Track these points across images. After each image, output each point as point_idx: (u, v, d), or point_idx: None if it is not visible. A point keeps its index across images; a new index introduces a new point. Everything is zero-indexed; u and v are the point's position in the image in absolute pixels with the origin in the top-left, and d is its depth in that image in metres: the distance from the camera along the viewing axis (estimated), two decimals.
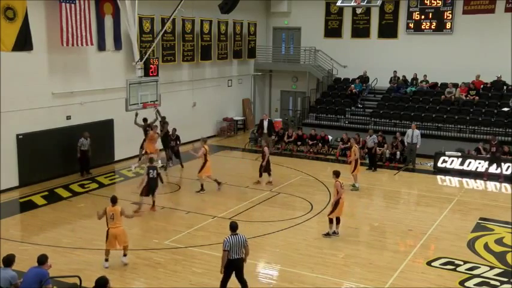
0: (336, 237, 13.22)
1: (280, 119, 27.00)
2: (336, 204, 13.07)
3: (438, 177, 19.56)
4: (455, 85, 23.92)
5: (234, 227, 9.66)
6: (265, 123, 23.05)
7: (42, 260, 8.54)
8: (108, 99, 19.30)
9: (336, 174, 13.29)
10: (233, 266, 9.58)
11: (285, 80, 28.69)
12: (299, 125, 25.03)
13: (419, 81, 24.98)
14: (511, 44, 23.02)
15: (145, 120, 18.85)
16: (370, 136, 20.29)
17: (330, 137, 22.81)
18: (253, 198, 16.31)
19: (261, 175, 17.77)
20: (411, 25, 25.59)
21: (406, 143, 20.55)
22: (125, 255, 11.34)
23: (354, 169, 17.30)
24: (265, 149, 17.75)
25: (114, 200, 11.26)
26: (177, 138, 19.72)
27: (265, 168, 17.64)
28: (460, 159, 19.94)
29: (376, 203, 16.59)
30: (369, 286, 10.66)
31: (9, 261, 8.49)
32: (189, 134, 22.58)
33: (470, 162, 19.74)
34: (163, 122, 19.40)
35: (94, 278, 7.80)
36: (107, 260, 11.24)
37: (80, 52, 18.28)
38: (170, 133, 19.50)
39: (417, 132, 20.31)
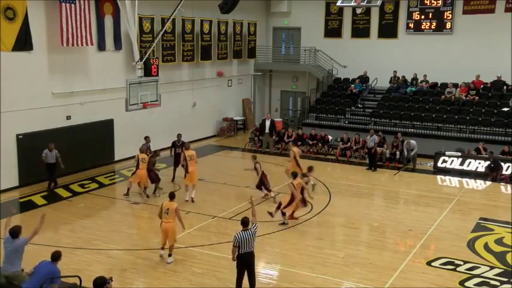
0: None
1: (280, 119, 26.99)
2: (291, 201, 13.83)
3: (438, 177, 19.56)
4: (455, 85, 23.90)
5: (245, 223, 9.77)
6: (268, 123, 23.07)
7: (56, 256, 8.72)
8: (108, 99, 19.29)
9: (294, 175, 14.13)
10: (244, 260, 9.66)
11: (285, 80, 28.67)
12: (299, 125, 25.01)
13: (419, 81, 24.96)
14: (511, 44, 23.03)
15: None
16: (371, 136, 20.30)
17: (330, 137, 22.78)
18: (253, 198, 16.21)
19: (260, 189, 16.34)
20: (411, 25, 25.57)
21: (405, 151, 20.57)
22: (169, 255, 11.53)
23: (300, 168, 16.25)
24: (257, 165, 16.29)
25: (172, 196, 11.66)
26: (183, 144, 17.61)
27: (258, 185, 16.27)
28: (460, 159, 19.94)
29: (376, 203, 16.57)
30: (369, 286, 10.66)
31: (15, 232, 9.07)
32: (189, 134, 22.55)
33: (470, 162, 19.75)
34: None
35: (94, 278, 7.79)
36: (161, 256, 11.65)
37: (80, 52, 18.27)
38: (176, 139, 18.06)
39: (414, 143, 20.53)
